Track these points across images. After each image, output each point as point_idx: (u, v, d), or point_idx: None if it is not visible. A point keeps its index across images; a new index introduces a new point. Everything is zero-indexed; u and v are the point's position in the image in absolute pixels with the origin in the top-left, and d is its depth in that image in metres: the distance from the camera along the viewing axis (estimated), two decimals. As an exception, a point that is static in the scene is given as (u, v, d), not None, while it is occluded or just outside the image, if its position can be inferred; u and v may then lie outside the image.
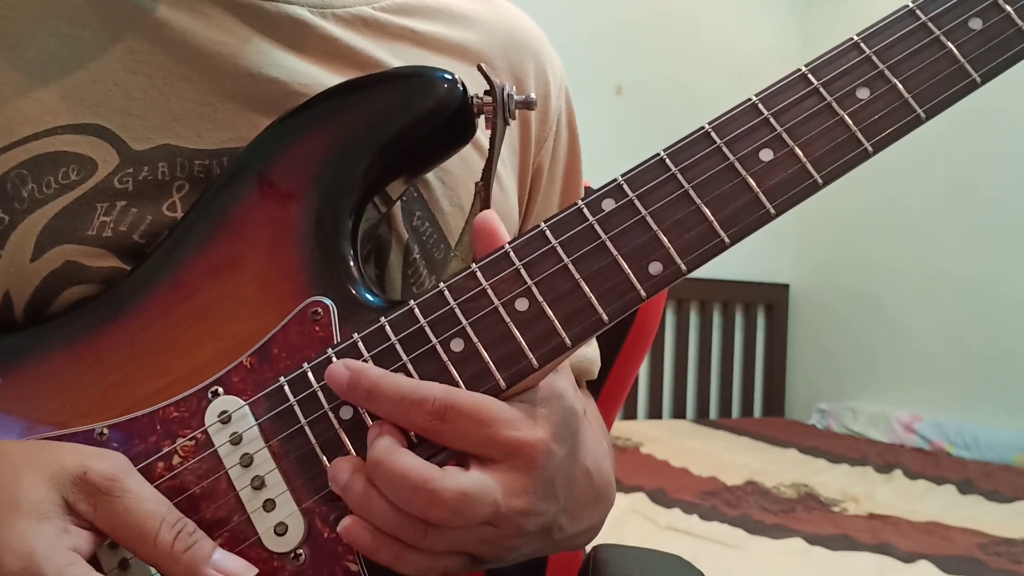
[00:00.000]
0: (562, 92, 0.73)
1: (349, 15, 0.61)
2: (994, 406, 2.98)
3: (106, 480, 0.42)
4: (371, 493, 0.44)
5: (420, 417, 0.44)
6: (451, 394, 0.44)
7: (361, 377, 0.45)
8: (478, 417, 0.44)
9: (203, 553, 0.43)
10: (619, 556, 0.72)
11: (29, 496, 0.41)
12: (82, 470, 0.42)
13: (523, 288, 0.47)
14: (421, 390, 0.44)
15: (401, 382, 0.45)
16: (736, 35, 3.56)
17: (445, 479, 0.43)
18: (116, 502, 0.42)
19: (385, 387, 0.45)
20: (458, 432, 0.44)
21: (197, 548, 0.42)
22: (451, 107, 0.52)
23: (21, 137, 0.52)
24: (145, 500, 0.43)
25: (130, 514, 0.42)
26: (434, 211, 0.60)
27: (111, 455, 0.44)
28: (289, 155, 0.53)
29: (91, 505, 0.42)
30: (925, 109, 0.47)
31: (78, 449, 0.45)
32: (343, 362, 0.46)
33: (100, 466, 0.43)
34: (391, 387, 0.45)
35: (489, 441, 0.44)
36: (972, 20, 0.48)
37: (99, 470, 0.42)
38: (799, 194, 0.46)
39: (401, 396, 0.44)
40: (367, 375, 0.45)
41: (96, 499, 0.42)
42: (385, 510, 0.43)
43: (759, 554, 1.78)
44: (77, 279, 0.52)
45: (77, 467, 0.42)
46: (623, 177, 0.48)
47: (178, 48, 0.55)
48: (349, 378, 0.45)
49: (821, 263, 3.66)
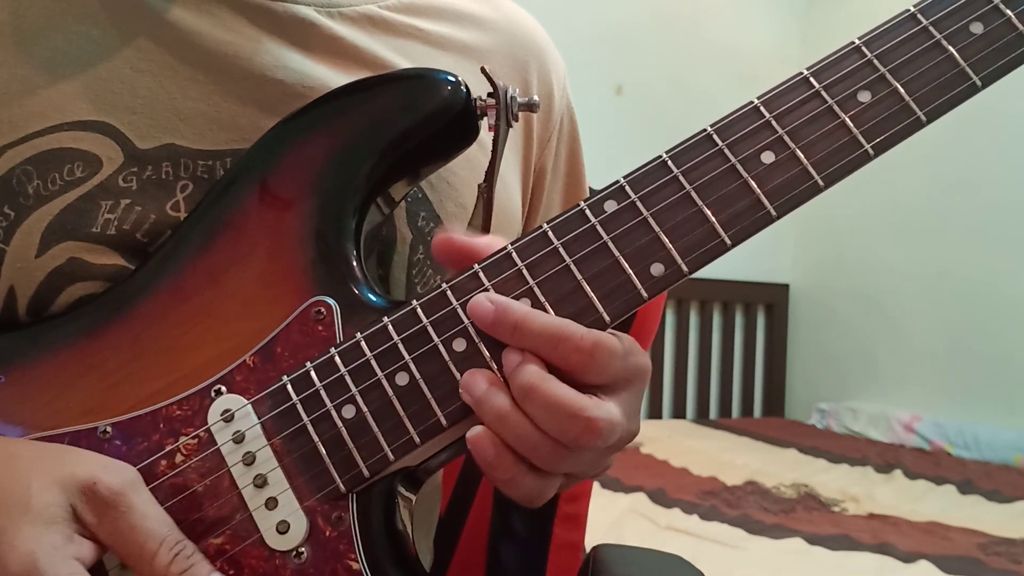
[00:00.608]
0: (565, 92, 0.74)
1: (356, 14, 0.61)
2: (994, 406, 2.98)
3: (114, 495, 0.43)
4: (512, 411, 0.44)
5: (572, 352, 0.45)
6: (592, 331, 0.45)
7: (508, 312, 0.45)
8: (616, 350, 0.45)
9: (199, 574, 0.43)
10: (619, 556, 0.72)
11: (38, 500, 0.42)
12: (92, 480, 0.43)
13: (525, 288, 0.47)
14: (570, 326, 0.45)
15: (550, 318, 0.46)
16: (736, 35, 3.56)
17: (599, 408, 0.44)
18: (121, 518, 0.43)
19: (535, 322, 0.45)
20: (601, 365, 0.45)
21: (193, 571, 0.43)
22: (454, 109, 0.53)
23: (28, 133, 0.52)
24: (149, 519, 0.43)
25: (133, 532, 0.43)
26: (439, 212, 0.60)
27: (122, 469, 0.45)
28: (293, 156, 0.53)
29: (96, 517, 0.43)
30: (926, 112, 0.47)
31: (90, 458, 0.45)
32: (487, 296, 0.46)
33: (110, 479, 0.43)
34: (542, 322, 0.45)
35: (624, 371, 0.46)
36: (973, 24, 0.48)
37: (108, 483, 0.43)
38: (800, 196, 0.46)
39: (553, 331, 0.45)
40: (514, 311, 0.45)
41: (102, 512, 0.43)
42: (527, 429, 0.44)
43: (759, 554, 1.78)
44: (81, 276, 0.52)
45: (88, 477, 0.43)
46: (625, 179, 0.48)
47: (185, 48, 0.55)
48: (495, 313, 0.45)
49: (821, 263, 3.66)
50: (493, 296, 0.46)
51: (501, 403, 0.44)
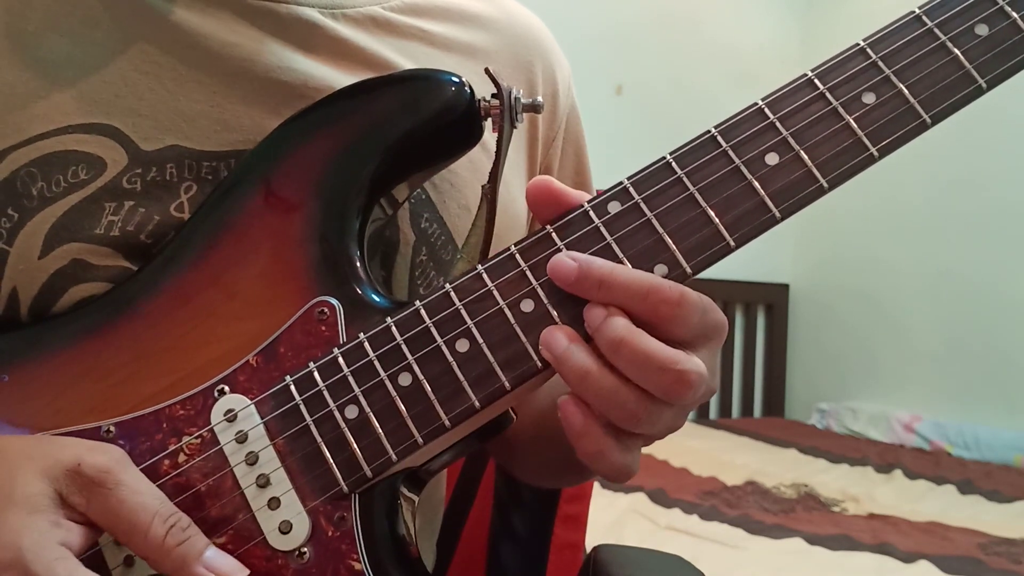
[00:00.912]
0: (570, 92, 0.74)
1: (359, 15, 0.61)
2: (994, 406, 2.99)
3: (100, 472, 0.42)
4: (597, 366, 0.44)
5: (662, 304, 0.44)
6: (680, 287, 0.45)
7: (592, 268, 0.45)
8: (699, 304, 0.45)
9: (195, 549, 0.42)
10: (619, 556, 0.72)
11: (22, 490, 0.41)
12: (76, 462, 0.42)
13: (529, 289, 0.47)
14: (655, 278, 0.45)
15: (634, 271, 0.45)
16: (736, 35, 3.56)
17: (690, 361, 0.43)
18: (109, 494, 0.42)
19: (622, 275, 0.45)
20: (686, 316, 0.45)
21: (189, 544, 0.42)
22: (458, 110, 0.52)
23: (32, 135, 0.52)
24: (139, 493, 0.42)
25: (123, 506, 0.42)
26: (442, 213, 0.60)
27: (108, 448, 0.44)
28: (297, 156, 0.53)
29: (84, 497, 0.42)
30: (931, 114, 0.47)
31: (75, 443, 0.45)
32: (568, 254, 0.46)
33: (95, 458, 0.42)
34: (628, 275, 0.45)
35: (703, 327, 0.46)
36: (978, 26, 0.48)
37: (93, 462, 0.42)
38: (804, 198, 0.46)
39: (642, 284, 0.44)
40: (598, 266, 0.45)
41: (90, 491, 0.42)
42: (611, 383, 0.44)
43: (759, 554, 1.79)
44: (84, 277, 0.52)
45: (71, 459, 0.42)
46: (629, 180, 0.48)
47: (188, 50, 0.55)
48: (578, 269, 0.45)
49: (821, 263, 3.66)
50: (575, 254, 0.46)
51: (583, 359, 0.44)
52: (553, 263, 0.45)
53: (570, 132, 0.74)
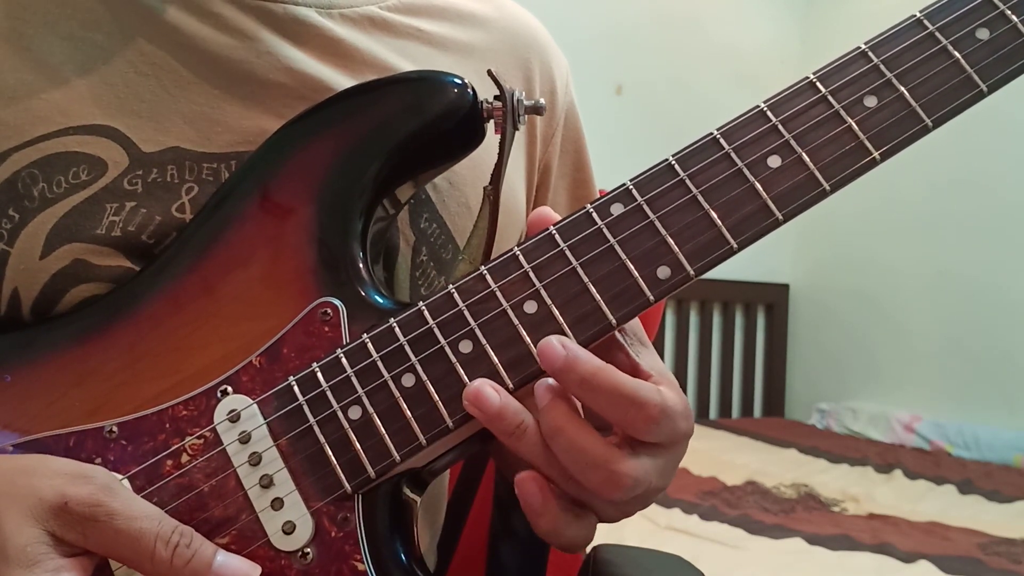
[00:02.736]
0: (568, 89, 0.74)
1: (356, 15, 0.61)
2: (994, 406, 2.99)
3: (89, 507, 0.40)
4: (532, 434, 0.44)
5: (640, 420, 0.43)
6: (664, 397, 0.44)
7: (577, 365, 0.43)
8: (674, 414, 0.44)
9: (204, 562, 0.41)
10: (619, 556, 0.72)
11: (14, 542, 0.39)
12: (62, 500, 0.40)
13: (532, 291, 0.47)
14: (642, 391, 0.43)
15: (621, 380, 0.43)
16: (736, 35, 3.56)
17: (626, 463, 0.43)
18: (104, 527, 0.40)
19: (605, 382, 0.43)
20: (657, 431, 0.44)
21: (197, 558, 0.41)
22: (461, 112, 0.53)
23: (33, 137, 0.52)
24: (134, 519, 0.41)
25: (120, 536, 0.40)
26: (442, 213, 0.60)
27: (91, 475, 0.42)
28: (299, 158, 0.53)
29: (79, 533, 0.40)
30: (933, 118, 0.47)
31: (52, 472, 0.42)
32: (560, 340, 0.44)
33: (80, 493, 0.40)
34: (612, 383, 0.43)
35: (676, 433, 0.45)
36: (979, 30, 0.48)
37: (79, 498, 0.40)
38: (807, 201, 0.47)
39: (623, 395, 0.43)
40: (584, 365, 0.43)
41: (83, 527, 0.40)
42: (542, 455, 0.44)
43: (759, 554, 1.79)
44: (85, 278, 0.52)
45: (56, 498, 0.40)
46: (632, 182, 0.48)
47: (188, 51, 0.56)
48: (564, 361, 0.43)
49: (821, 263, 3.66)
50: (566, 341, 0.44)
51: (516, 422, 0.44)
52: (543, 344, 0.44)
53: (569, 129, 0.74)
